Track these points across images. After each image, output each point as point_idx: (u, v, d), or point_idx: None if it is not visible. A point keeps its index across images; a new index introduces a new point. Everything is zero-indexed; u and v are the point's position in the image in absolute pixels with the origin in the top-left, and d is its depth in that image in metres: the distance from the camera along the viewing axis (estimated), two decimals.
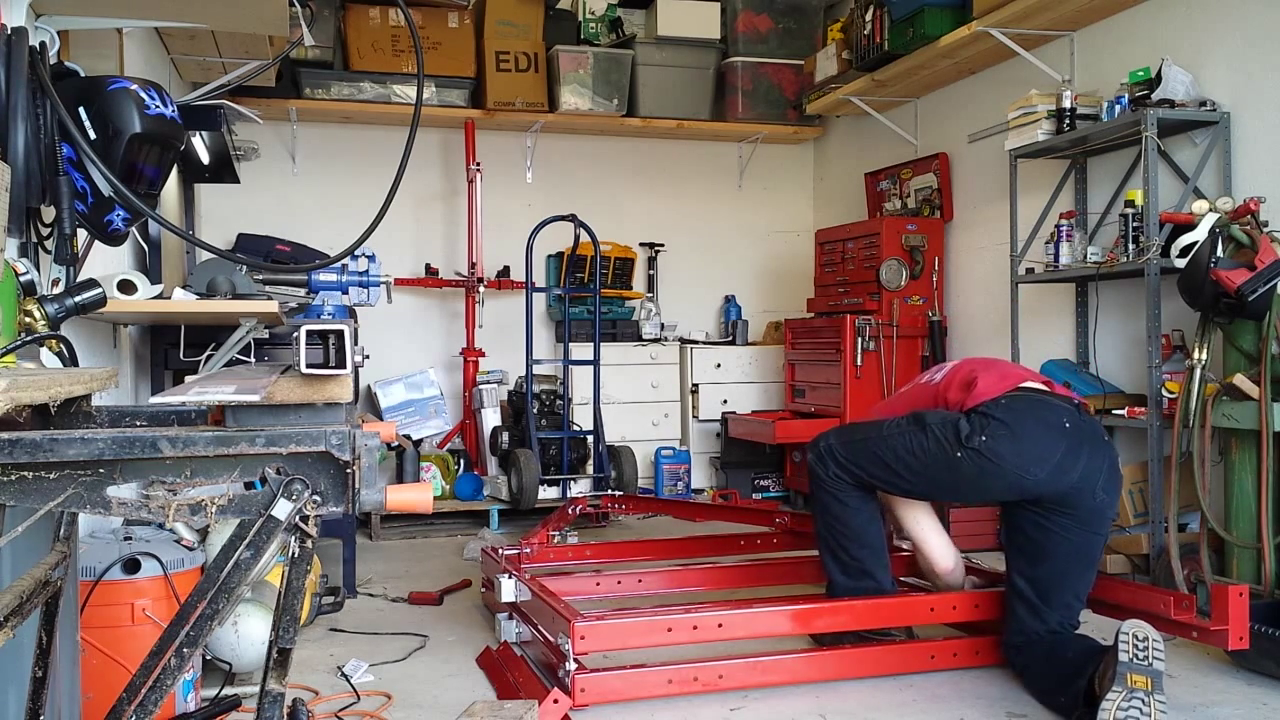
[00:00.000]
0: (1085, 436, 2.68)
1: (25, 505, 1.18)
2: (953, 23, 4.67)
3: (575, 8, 6.20)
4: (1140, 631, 2.33)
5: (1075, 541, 2.68)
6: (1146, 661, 2.28)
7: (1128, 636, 2.32)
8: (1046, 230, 4.26)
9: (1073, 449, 2.65)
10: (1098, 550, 2.73)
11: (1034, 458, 2.64)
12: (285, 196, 5.79)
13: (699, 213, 6.55)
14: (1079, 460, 2.65)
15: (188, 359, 3.36)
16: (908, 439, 2.80)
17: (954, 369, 2.96)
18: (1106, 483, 2.69)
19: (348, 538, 3.78)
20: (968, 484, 2.77)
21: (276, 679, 1.30)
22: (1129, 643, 2.30)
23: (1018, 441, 2.65)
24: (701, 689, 2.66)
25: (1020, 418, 2.68)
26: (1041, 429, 2.67)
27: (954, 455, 2.71)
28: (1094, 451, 2.68)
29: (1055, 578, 2.70)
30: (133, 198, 1.93)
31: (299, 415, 1.31)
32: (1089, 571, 2.74)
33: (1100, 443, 2.72)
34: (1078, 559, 2.70)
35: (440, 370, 5.95)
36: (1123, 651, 2.30)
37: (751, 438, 5.63)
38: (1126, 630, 2.34)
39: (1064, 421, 2.68)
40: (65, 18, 2.32)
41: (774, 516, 4.04)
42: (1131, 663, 2.27)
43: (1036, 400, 2.74)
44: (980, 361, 3.00)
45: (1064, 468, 2.65)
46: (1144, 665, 2.27)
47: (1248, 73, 3.71)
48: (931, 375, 3.04)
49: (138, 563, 2.34)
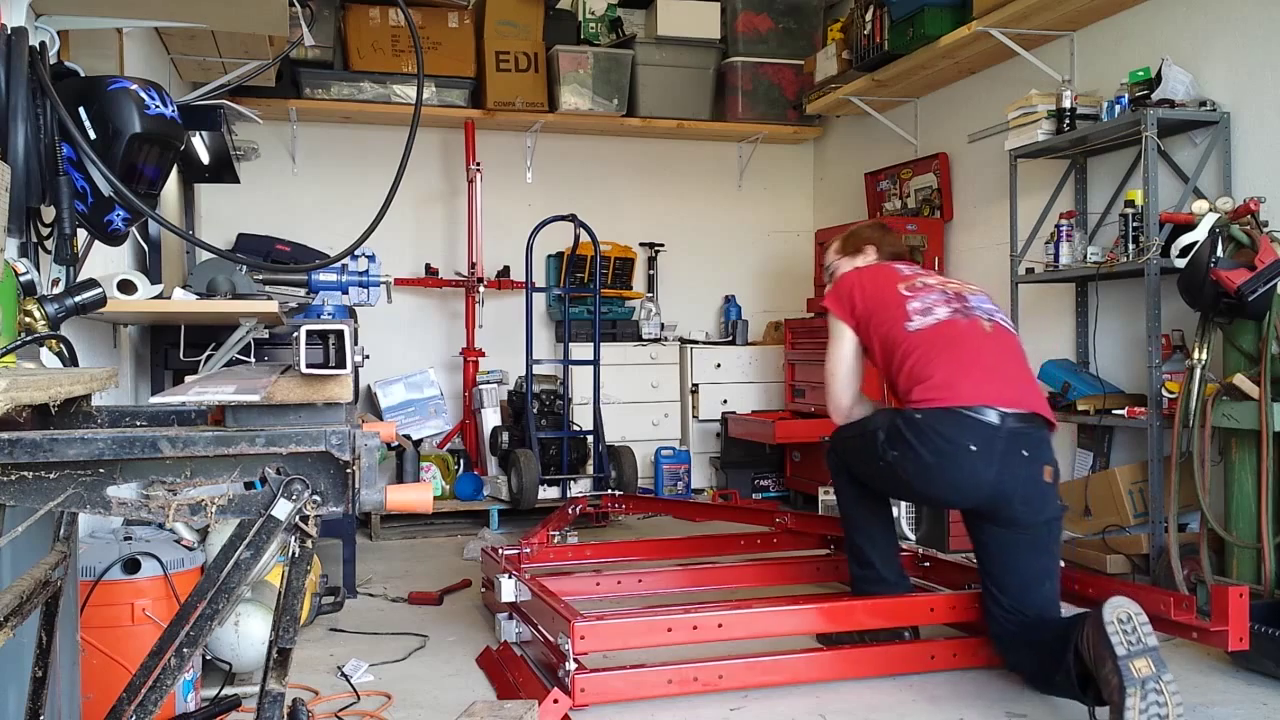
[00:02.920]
0: (996, 454, 2.64)
1: (25, 505, 1.18)
2: (953, 23, 4.67)
3: (575, 8, 6.20)
4: (1123, 612, 2.29)
5: (1008, 540, 2.70)
6: (1140, 643, 2.26)
7: (1114, 623, 2.27)
8: (1046, 230, 4.26)
9: (977, 469, 2.64)
10: (1042, 544, 2.71)
11: (933, 479, 2.71)
12: (285, 196, 5.79)
13: (699, 213, 6.55)
14: (985, 478, 2.65)
15: (188, 359, 3.36)
16: (854, 440, 2.94)
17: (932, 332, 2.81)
18: (1026, 494, 2.66)
19: (348, 538, 3.78)
20: (892, 488, 2.96)
21: (276, 679, 1.30)
22: (1117, 630, 2.26)
23: (920, 463, 2.71)
24: (701, 689, 2.66)
25: (926, 440, 2.69)
26: (945, 452, 2.66)
27: (877, 463, 2.83)
28: (1006, 468, 2.65)
29: (1002, 570, 2.71)
30: (133, 198, 1.93)
31: (299, 415, 1.31)
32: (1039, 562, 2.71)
33: (1016, 458, 2.66)
34: (1018, 553, 2.70)
35: (440, 370, 5.95)
36: (1116, 643, 2.25)
37: (751, 438, 5.63)
38: (1110, 615, 2.28)
39: (969, 444, 2.65)
40: (65, 18, 2.32)
41: (774, 516, 4.04)
42: (1129, 651, 2.24)
43: (951, 420, 2.68)
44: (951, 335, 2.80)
45: (967, 488, 2.68)
46: (1140, 648, 2.25)
47: (1248, 73, 3.71)
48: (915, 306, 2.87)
49: (138, 563, 2.34)
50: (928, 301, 2.88)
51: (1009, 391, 2.73)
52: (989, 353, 2.80)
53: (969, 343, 2.80)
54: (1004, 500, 2.67)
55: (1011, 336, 2.90)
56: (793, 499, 5.73)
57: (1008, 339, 2.87)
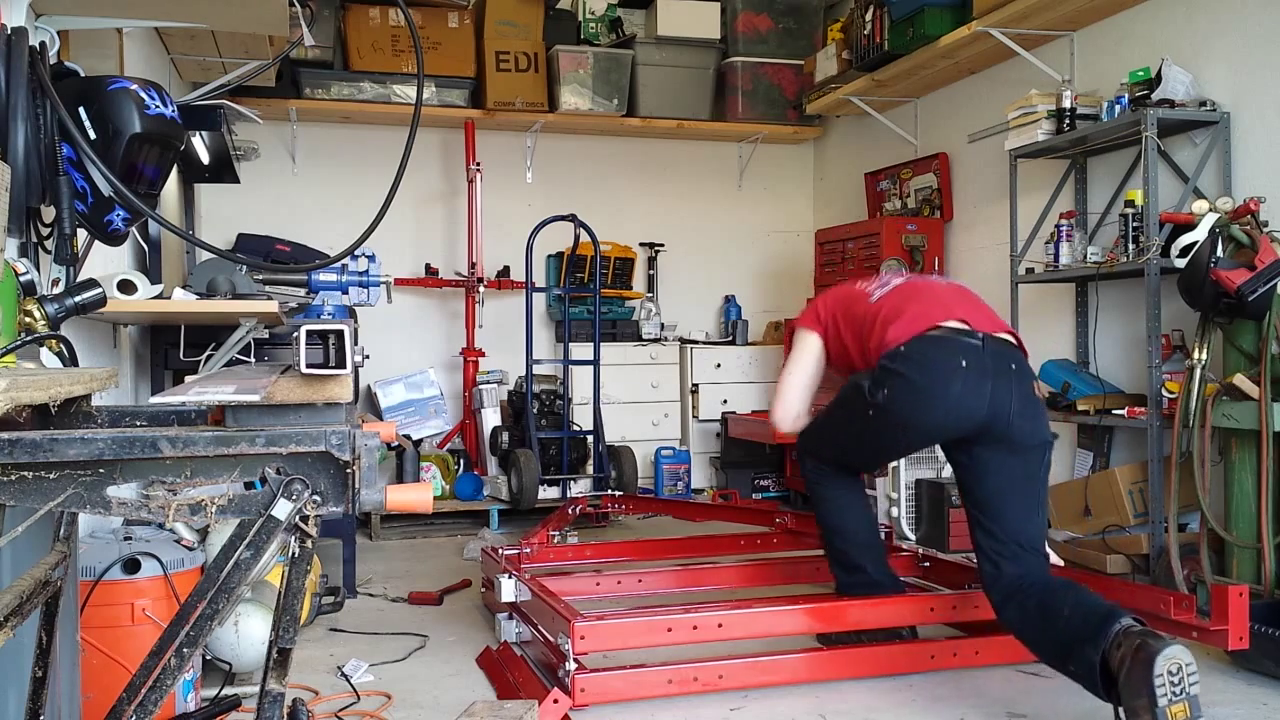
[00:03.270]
0: (987, 370, 2.67)
1: (25, 505, 1.18)
2: (953, 23, 4.67)
3: (575, 8, 6.20)
4: (1175, 664, 2.17)
5: (1006, 472, 2.68)
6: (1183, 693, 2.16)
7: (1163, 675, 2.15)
8: (1046, 230, 4.26)
9: (972, 385, 2.65)
10: (1036, 470, 2.71)
11: (930, 402, 2.67)
12: (285, 196, 5.79)
13: (699, 213, 6.55)
14: (982, 394, 2.65)
15: (188, 359, 3.36)
16: (834, 412, 2.92)
17: (891, 293, 2.90)
18: (1021, 409, 2.67)
19: (348, 538, 3.78)
20: (888, 438, 2.88)
21: (276, 679, 1.30)
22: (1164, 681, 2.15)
23: (913, 389, 2.68)
24: (701, 689, 2.66)
25: (914, 364, 2.70)
26: (936, 372, 2.67)
27: (867, 414, 2.78)
28: (999, 382, 2.67)
29: (996, 496, 2.68)
30: (133, 198, 1.93)
31: (299, 415, 1.31)
32: (1033, 490, 2.71)
33: (1006, 372, 2.69)
34: (1013, 477, 2.69)
35: (440, 370, 5.95)
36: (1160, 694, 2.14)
37: (751, 438, 5.63)
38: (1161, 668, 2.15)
39: (960, 360, 2.68)
40: (65, 18, 2.32)
41: (774, 516, 4.04)
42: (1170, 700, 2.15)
43: (935, 342, 2.72)
44: (910, 289, 2.91)
45: (965, 404, 2.66)
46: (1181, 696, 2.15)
47: (1248, 73, 3.71)
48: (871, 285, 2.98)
49: (138, 563, 2.34)
50: (884, 280, 3.00)
51: (980, 319, 2.80)
52: (952, 293, 2.90)
53: (931, 290, 2.92)
54: (1002, 416, 2.66)
55: (963, 285, 3.02)
56: (793, 499, 5.73)
57: (964, 287, 3.00)
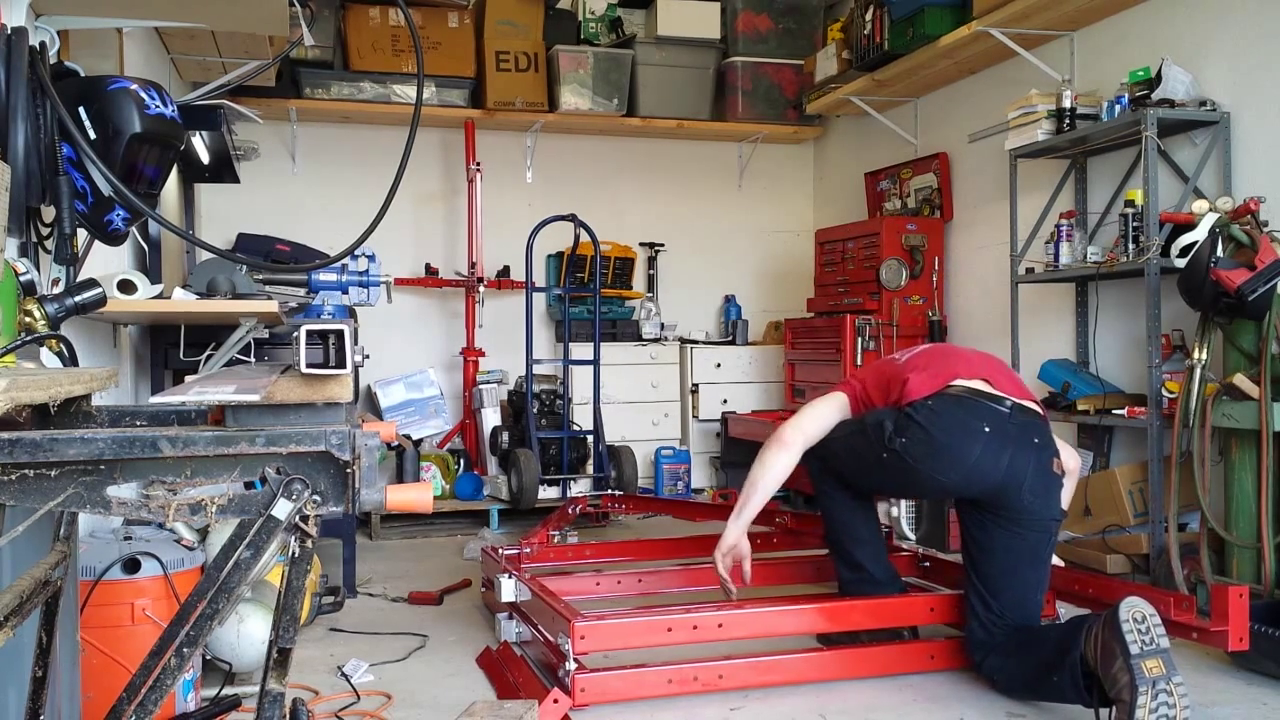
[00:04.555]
0: (1010, 438, 2.66)
1: (25, 505, 1.18)
2: (953, 22, 4.67)
3: (575, 8, 6.20)
4: (1138, 612, 2.28)
5: (1011, 542, 2.68)
6: (1153, 644, 2.24)
7: (1129, 622, 2.26)
8: (1046, 230, 4.26)
9: (991, 451, 2.64)
10: (1041, 551, 2.72)
11: (947, 461, 2.66)
12: (285, 196, 5.79)
13: (699, 213, 6.55)
14: (999, 462, 2.64)
15: (188, 359, 3.36)
16: (853, 438, 2.89)
17: (919, 354, 2.96)
18: (1034, 484, 2.66)
19: (348, 538, 3.78)
20: (896, 481, 2.92)
21: (276, 679, 1.30)
22: (1132, 628, 2.25)
23: (932, 445, 2.67)
24: (701, 689, 2.66)
25: (938, 420, 2.69)
26: (958, 433, 2.66)
27: (880, 454, 2.77)
28: (1019, 453, 2.66)
29: (999, 575, 2.70)
30: (133, 198, 1.93)
31: (299, 415, 1.31)
32: (1036, 572, 2.73)
33: (1028, 445, 2.68)
34: (1019, 559, 2.69)
35: (440, 370, 5.95)
36: (1130, 642, 2.24)
37: (751, 438, 5.61)
38: (1125, 614, 2.27)
39: (984, 425, 2.66)
40: (65, 18, 2.31)
41: (774, 516, 4.03)
42: (1142, 650, 2.22)
43: (961, 402, 2.71)
44: (938, 352, 2.96)
45: (981, 470, 2.65)
46: (1152, 648, 2.23)
47: (1248, 73, 3.71)
48: (903, 353, 3.05)
49: (138, 562, 2.34)
50: (913, 346, 3.07)
51: (1008, 386, 2.79)
52: (980, 359, 2.92)
53: (959, 353, 2.96)
54: (1014, 487, 2.65)
55: (994, 356, 3.04)
56: (793, 499, 5.72)
57: (992, 355, 3.02)
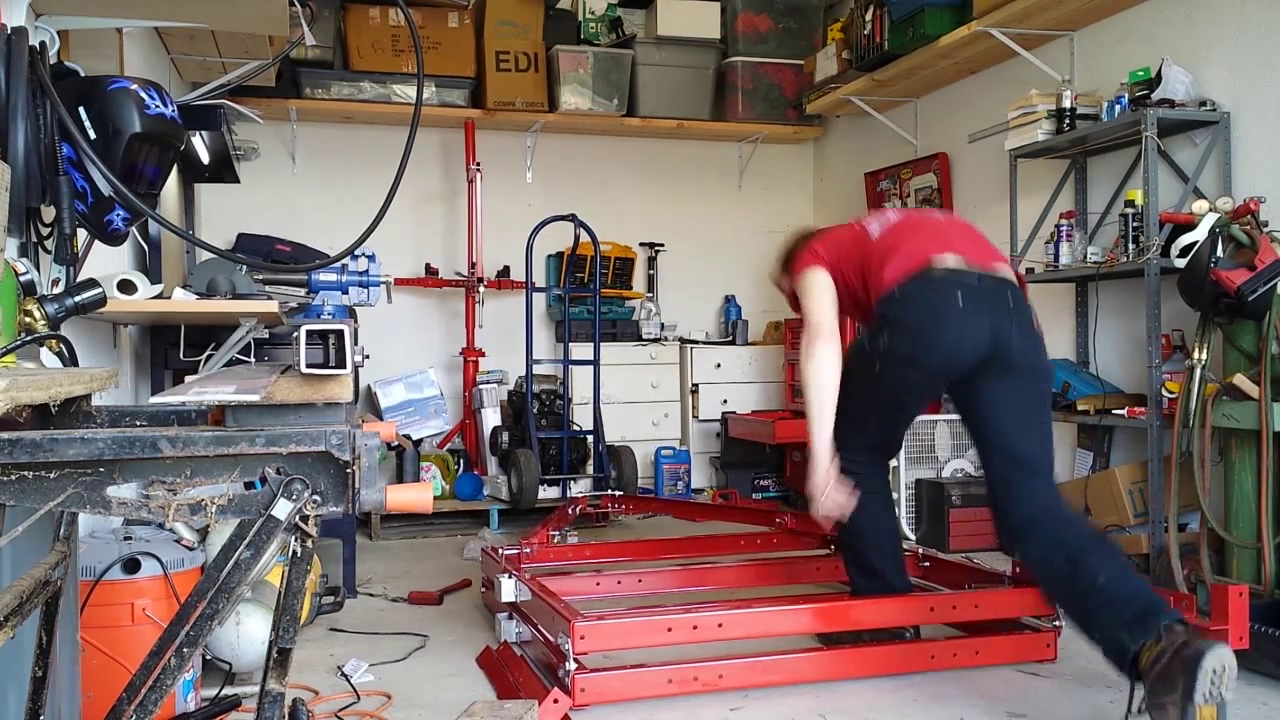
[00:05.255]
0: (984, 304, 2.69)
1: (25, 505, 1.18)
2: (953, 23, 4.67)
3: (575, 8, 6.20)
4: (1222, 664, 2.16)
5: (1010, 394, 2.70)
6: (1219, 697, 2.16)
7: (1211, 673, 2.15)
8: (1046, 230, 4.26)
9: (972, 318, 2.67)
10: (1039, 409, 2.75)
11: (931, 339, 2.68)
12: (285, 196, 5.79)
13: (699, 213, 6.55)
14: (982, 326, 2.67)
15: (188, 359, 3.36)
16: (847, 389, 2.84)
17: (890, 229, 2.90)
18: (1021, 343, 2.70)
19: (348, 538, 3.78)
20: (901, 389, 2.83)
21: (276, 679, 1.30)
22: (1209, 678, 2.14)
23: (913, 332, 2.70)
24: (701, 689, 2.66)
25: (910, 308, 2.71)
26: (934, 313, 2.69)
27: (874, 369, 2.76)
28: (999, 319, 2.69)
29: (1000, 430, 2.70)
30: (133, 198, 1.92)
31: (299, 415, 1.31)
32: (1034, 422, 2.73)
33: (1005, 309, 2.71)
34: (1018, 411, 2.71)
35: (440, 370, 5.95)
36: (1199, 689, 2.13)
37: (751, 438, 5.62)
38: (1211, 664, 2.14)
39: (957, 300, 2.69)
40: (65, 18, 2.31)
41: (774, 516, 4.04)
42: (1206, 699, 2.15)
43: (929, 282, 2.72)
44: (908, 225, 2.91)
45: (967, 339, 2.67)
46: (1215, 699, 2.16)
47: (1248, 73, 3.71)
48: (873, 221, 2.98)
49: (138, 563, 2.33)
50: (883, 215, 3.00)
51: (979, 254, 2.81)
52: (949, 228, 2.91)
53: (928, 224, 2.93)
54: (1004, 347, 2.68)
55: (965, 220, 3.05)
56: (793, 499, 5.73)
57: (964, 222, 3.01)
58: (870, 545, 2.99)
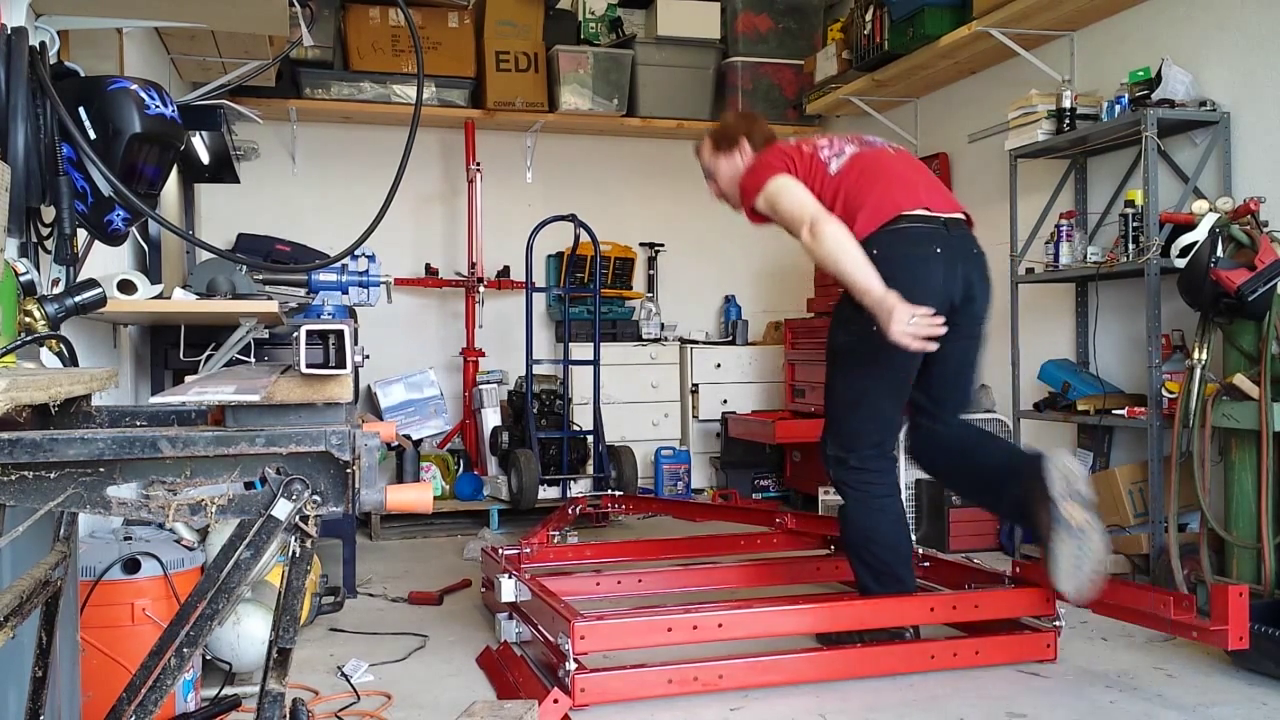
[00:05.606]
0: (956, 253, 2.86)
1: (25, 505, 1.18)
2: (953, 23, 4.67)
3: (575, 8, 6.20)
4: (1061, 465, 2.60)
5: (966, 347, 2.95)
6: (1079, 494, 2.55)
7: (1053, 476, 2.58)
8: (1046, 230, 4.26)
9: (949, 268, 2.84)
10: (976, 353, 3.00)
11: (916, 289, 2.73)
12: (285, 196, 5.79)
13: (699, 213, 6.51)
14: (956, 275, 2.85)
15: (188, 359, 3.36)
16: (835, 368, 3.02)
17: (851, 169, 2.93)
18: (981, 289, 2.92)
19: (348, 538, 3.78)
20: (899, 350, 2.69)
21: (276, 679, 1.30)
22: (1058, 479, 2.57)
23: (900, 282, 2.71)
24: (701, 689, 2.66)
25: (893, 264, 2.76)
26: (914, 265, 2.79)
27: (871, 331, 2.72)
28: (967, 265, 2.88)
29: (952, 381, 2.97)
30: (133, 198, 1.93)
31: (299, 415, 1.31)
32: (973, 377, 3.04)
33: (970, 254, 2.91)
34: (970, 363, 2.99)
35: (440, 370, 5.94)
36: (1054, 490, 2.56)
37: (751, 438, 5.62)
38: (1051, 470, 2.59)
39: (934, 248, 2.83)
40: (65, 18, 2.32)
41: (774, 516, 4.03)
42: (1064, 495, 2.55)
43: (905, 235, 2.83)
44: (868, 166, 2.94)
45: (949, 287, 2.84)
46: (1077, 496, 2.56)
47: (1248, 73, 3.71)
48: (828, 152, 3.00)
49: (138, 563, 2.33)
50: (836, 146, 3.05)
51: (935, 198, 2.93)
52: (902, 167, 3.01)
53: (882, 163, 2.98)
54: (973, 293, 2.89)
55: (911, 155, 3.19)
56: (793, 499, 5.73)
57: (910, 155, 3.14)
58: (888, 548, 2.98)
